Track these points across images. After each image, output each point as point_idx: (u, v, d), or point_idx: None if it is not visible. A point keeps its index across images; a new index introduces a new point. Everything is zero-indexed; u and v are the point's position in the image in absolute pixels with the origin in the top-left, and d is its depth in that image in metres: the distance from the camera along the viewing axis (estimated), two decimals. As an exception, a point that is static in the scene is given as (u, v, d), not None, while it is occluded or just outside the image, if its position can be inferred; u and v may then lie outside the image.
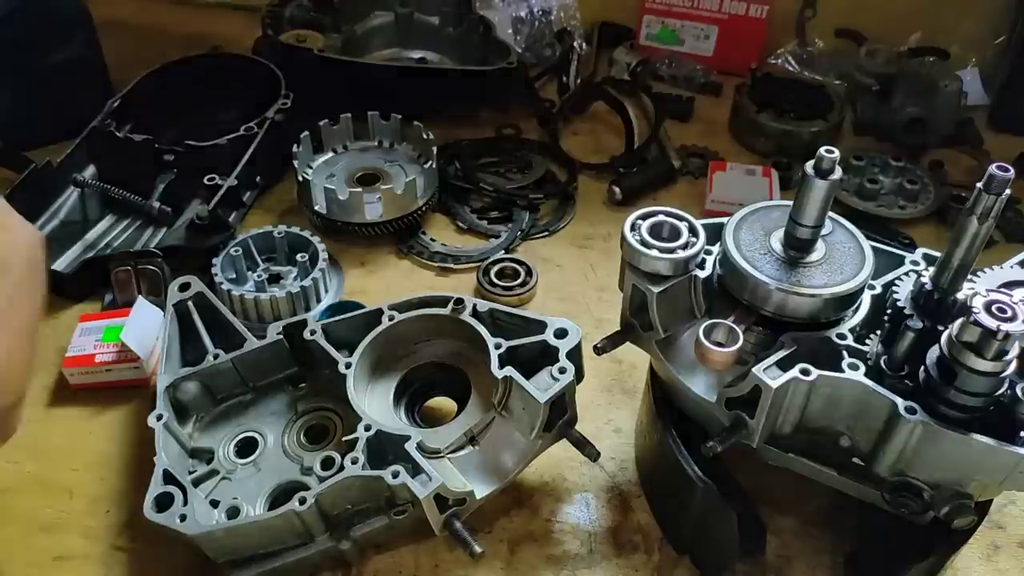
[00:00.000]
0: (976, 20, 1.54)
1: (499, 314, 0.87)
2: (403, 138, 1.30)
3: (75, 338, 1.00)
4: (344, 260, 1.18)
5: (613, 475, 0.92)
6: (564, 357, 0.80)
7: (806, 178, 0.67)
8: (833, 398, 0.67)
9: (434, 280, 1.17)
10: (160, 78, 1.32)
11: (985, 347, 0.59)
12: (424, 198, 1.20)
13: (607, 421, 0.97)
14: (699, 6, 1.58)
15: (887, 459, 0.66)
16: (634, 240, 0.73)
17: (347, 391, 0.82)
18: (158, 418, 0.82)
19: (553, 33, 1.58)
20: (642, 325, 0.77)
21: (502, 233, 1.22)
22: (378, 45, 1.56)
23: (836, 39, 1.58)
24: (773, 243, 0.73)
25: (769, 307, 0.71)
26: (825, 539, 0.85)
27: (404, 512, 0.77)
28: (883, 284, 0.74)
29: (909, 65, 1.44)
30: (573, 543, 0.85)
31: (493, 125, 1.44)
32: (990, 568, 0.84)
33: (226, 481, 0.83)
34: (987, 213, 0.62)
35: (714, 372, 0.73)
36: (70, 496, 0.89)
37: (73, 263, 1.10)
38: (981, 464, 0.64)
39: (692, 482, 0.74)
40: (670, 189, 1.34)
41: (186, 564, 0.82)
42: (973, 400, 0.62)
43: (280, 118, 1.24)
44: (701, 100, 1.54)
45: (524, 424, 0.80)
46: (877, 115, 1.42)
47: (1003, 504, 0.89)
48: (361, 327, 0.88)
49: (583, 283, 1.17)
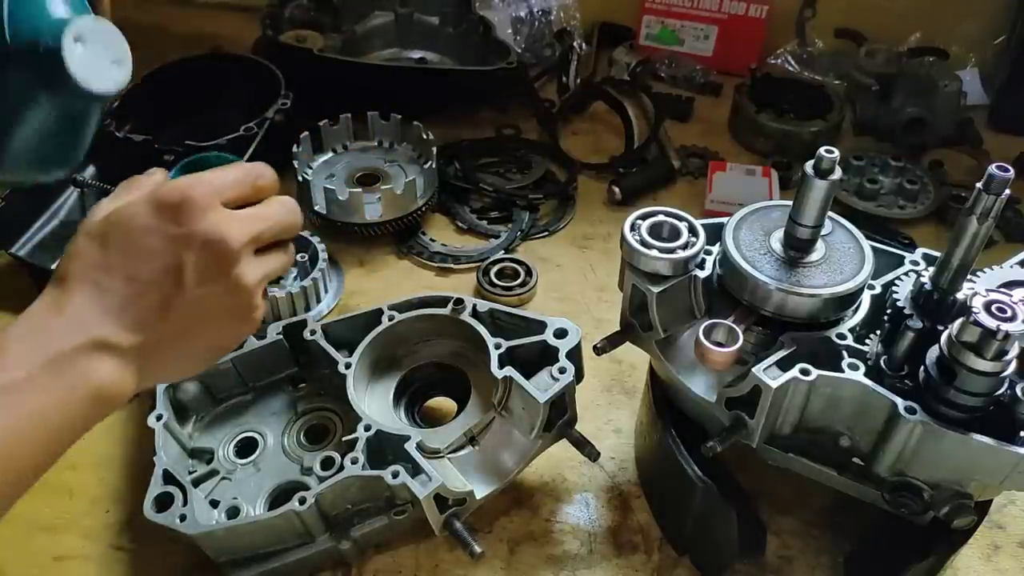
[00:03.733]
0: (976, 20, 1.54)
1: (499, 314, 0.87)
2: (403, 138, 1.30)
3: (75, 338, 1.00)
4: (344, 260, 1.18)
5: (613, 475, 0.92)
6: (564, 357, 0.80)
7: (806, 178, 0.67)
8: (833, 398, 0.67)
9: (434, 280, 1.17)
10: (160, 78, 1.32)
11: (985, 347, 0.59)
12: (424, 198, 1.20)
13: (607, 421, 0.97)
14: (699, 6, 1.58)
15: (887, 459, 0.66)
16: (634, 240, 0.73)
17: (347, 391, 0.82)
18: (158, 418, 0.82)
19: (553, 33, 1.58)
20: (642, 325, 0.77)
21: (502, 233, 1.22)
22: (378, 45, 1.56)
23: (836, 39, 1.58)
24: (773, 243, 0.73)
25: (769, 307, 0.71)
26: (825, 539, 0.85)
27: (404, 512, 0.77)
28: (883, 284, 0.74)
29: (909, 65, 1.44)
30: (573, 543, 0.85)
31: (493, 125, 1.43)
32: (990, 568, 0.84)
33: (226, 481, 0.83)
34: (987, 213, 0.62)
35: (714, 372, 0.73)
36: (70, 496, 0.89)
37: (73, 263, 1.10)
38: (981, 464, 0.64)
39: (692, 482, 0.74)
40: (670, 189, 1.34)
41: (186, 564, 0.82)
42: (973, 400, 0.62)
43: (280, 118, 1.24)
44: (701, 100, 1.54)
45: (524, 424, 0.80)
46: (877, 115, 1.42)
47: (1003, 504, 0.89)
48: (361, 327, 0.88)
49: (583, 283, 1.17)
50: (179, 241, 0.56)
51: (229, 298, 0.59)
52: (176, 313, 0.57)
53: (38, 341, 0.53)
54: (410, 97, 1.35)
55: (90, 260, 0.56)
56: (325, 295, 1.10)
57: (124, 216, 0.57)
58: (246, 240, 0.59)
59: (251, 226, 0.59)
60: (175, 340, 0.58)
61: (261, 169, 0.63)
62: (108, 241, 0.56)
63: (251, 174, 0.62)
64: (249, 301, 0.60)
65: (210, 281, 0.57)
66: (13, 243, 1.08)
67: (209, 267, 0.57)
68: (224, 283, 0.58)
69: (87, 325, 0.54)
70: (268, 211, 0.62)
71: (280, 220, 0.63)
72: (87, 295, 0.55)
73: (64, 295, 0.55)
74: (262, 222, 0.61)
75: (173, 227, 0.56)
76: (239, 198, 0.60)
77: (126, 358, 0.56)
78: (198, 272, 0.56)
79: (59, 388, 0.53)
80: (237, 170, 0.61)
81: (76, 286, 0.55)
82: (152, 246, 0.56)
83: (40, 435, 0.53)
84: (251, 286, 0.60)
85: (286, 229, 0.64)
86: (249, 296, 0.60)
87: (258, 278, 0.61)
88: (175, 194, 0.56)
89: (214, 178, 0.59)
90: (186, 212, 0.56)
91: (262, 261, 0.62)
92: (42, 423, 0.53)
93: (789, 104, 1.42)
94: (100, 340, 0.54)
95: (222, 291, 0.58)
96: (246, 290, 0.59)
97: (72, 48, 0.61)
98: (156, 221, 0.56)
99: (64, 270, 0.56)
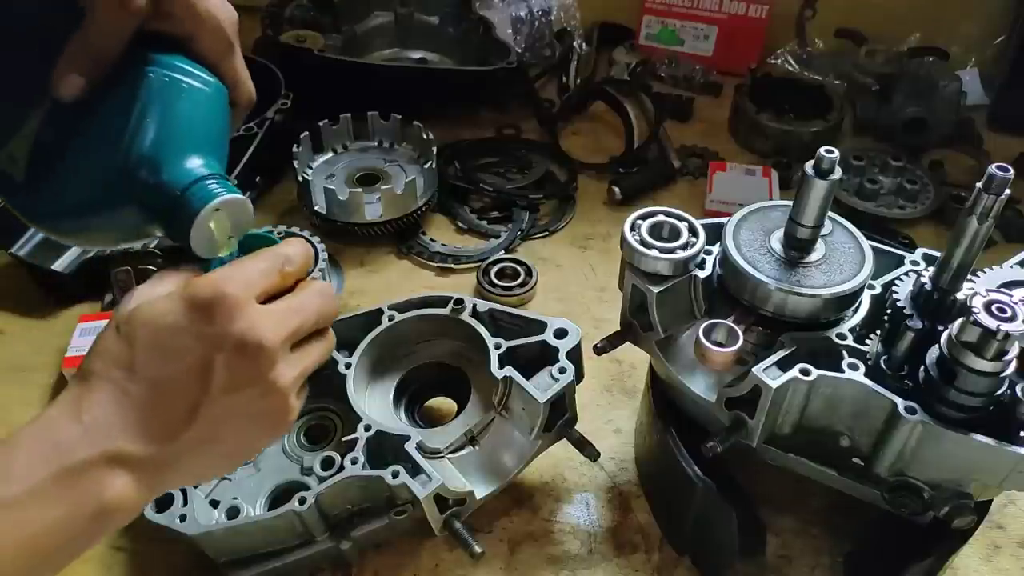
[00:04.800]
0: (976, 20, 1.54)
1: (499, 314, 0.87)
2: (403, 138, 1.30)
3: (75, 338, 1.00)
4: (344, 260, 1.18)
5: (613, 475, 0.92)
6: (564, 357, 0.80)
7: (806, 178, 0.67)
8: (833, 398, 0.67)
9: (434, 280, 1.17)
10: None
11: (985, 347, 0.59)
12: (424, 198, 1.20)
13: (607, 421, 0.97)
14: (699, 6, 1.58)
15: (887, 459, 0.66)
16: (634, 240, 0.73)
17: (347, 391, 0.82)
18: (158, 418, 0.82)
19: (553, 33, 1.58)
20: (642, 325, 0.77)
21: (502, 233, 1.22)
22: (378, 45, 1.56)
23: (836, 39, 1.58)
24: (773, 243, 0.73)
25: (769, 307, 0.71)
26: (825, 539, 0.85)
27: (404, 512, 0.77)
28: (883, 284, 0.74)
29: (909, 65, 1.44)
30: (573, 543, 0.85)
31: (493, 125, 1.44)
32: (990, 568, 0.84)
33: (226, 481, 0.82)
34: (987, 213, 0.62)
35: (714, 372, 0.73)
36: (70, 496, 0.89)
37: (73, 263, 1.10)
38: (981, 464, 0.64)
39: (692, 482, 0.74)
40: (670, 189, 1.34)
41: (186, 564, 0.82)
42: (973, 400, 0.62)
43: (280, 118, 1.24)
44: (701, 100, 1.54)
45: (524, 424, 0.80)
46: (877, 115, 1.42)
47: (1003, 504, 0.89)
48: (361, 327, 0.88)
49: (583, 283, 1.17)
50: (211, 342, 0.52)
51: (262, 402, 0.55)
52: (202, 420, 0.53)
53: (51, 449, 0.50)
54: (410, 97, 1.35)
55: (115, 359, 0.52)
56: (325, 295, 1.10)
57: (154, 312, 0.53)
58: (283, 339, 0.54)
59: (288, 322, 0.55)
60: (198, 447, 0.54)
61: (291, 252, 0.58)
62: (135, 339, 0.52)
63: (279, 260, 0.57)
64: (284, 404, 0.56)
65: (243, 385, 0.53)
66: (13, 243, 1.08)
67: (242, 370, 0.53)
68: (258, 387, 0.54)
69: (104, 435, 0.51)
70: (305, 302, 0.57)
71: (317, 310, 0.58)
72: (107, 399, 0.51)
73: (85, 397, 0.52)
74: (298, 316, 0.56)
75: (205, 327, 0.52)
76: (272, 289, 0.56)
77: (142, 471, 0.52)
78: (230, 376, 0.52)
79: (65, 504, 0.49)
80: (267, 259, 0.57)
81: (97, 387, 0.52)
82: (181, 346, 0.52)
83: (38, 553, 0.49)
84: (287, 388, 0.56)
85: (324, 318, 0.59)
86: (284, 399, 0.56)
87: (295, 377, 0.56)
88: (207, 291, 0.52)
89: (247, 271, 0.55)
90: (219, 310, 0.52)
91: (299, 357, 0.57)
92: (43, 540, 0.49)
93: (789, 104, 1.43)
94: (116, 453, 0.51)
95: (255, 395, 0.54)
96: (281, 393, 0.55)
97: (205, 220, 0.56)
98: (187, 320, 0.52)
99: (88, 367, 0.53)
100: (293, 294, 0.58)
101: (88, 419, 0.51)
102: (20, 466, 0.49)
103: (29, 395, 0.99)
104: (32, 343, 1.05)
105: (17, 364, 1.03)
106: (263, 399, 0.55)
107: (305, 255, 0.59)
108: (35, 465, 0.49)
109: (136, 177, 0.56)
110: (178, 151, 0.57)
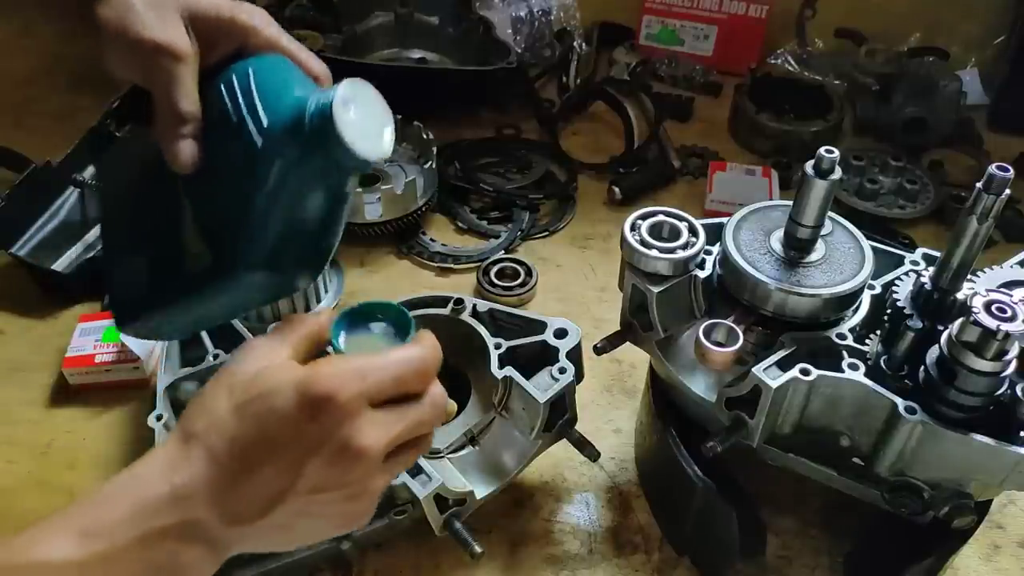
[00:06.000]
0: (976, 20, 1.54)
1: (499, 314, 0.87)
2: (403, 138, 1.29)
3: (75, 338, 1.00)
4: (344, 260, 1.18)
5: (613, 475, 0.92)
6: (564, 357, 0.80)
7: (806, 178, 0.67)
8: (833, 398, 0.67)
9: (434, 280, 1.17)
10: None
11: (985, 347, 0.59)
12: (424, 198, 1.19)
13: (607, 421, 0.97)
14: (699, 6, 1.58)
15: (887, 459, 0.66)
16: (634, 240, 0.73)
17: (347, 391, 0.82)
18: (158, 418, 0.82)
19: (553, 33, 1.58)
20: (642, 325, 0.77)
21: (502, 233, 1.22)
22: (378, 45, 1.56)
23: (836, 39, 1.58)
24: (773, 243, 0.73)
25: (769, 307, 0.71)
26: (825, 539, 0.85)
27: (404, 512, 0.77)
28: (883, 284, 0.74)
29: (909, 65, 1.44)
30: (573, 543, 0.85)
31: (493, 125, 1.43)
32: (990, 568, 0.84)
33: (226, 481, 0.82)
34: (987, 213, 0.62)
35: (714, 372, 0.73)
36: (70, 496, 0.89)
37: (73, 263, 1.10)
38: (981, 464, 0.64)
39: (692, 482, 0.74)
40: (670, 189, 1.34)
41: (186, 564, 0.81)
42: (973, 400, 0.62)
43: (280, 118, 1.24)
44: (701, 100, 1.54)
45: (524, 424, 0.80)
46: (877, 115, 1.42)
47: (1003, 504, 0.89)
48: (361, 327, 0.88)
49: (583, 283, 1.17)
50: (311, 439, 0.50)
51: (346, 504, 0.54)
52: (280, 512, 0.52)
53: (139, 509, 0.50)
54: (410, 97, 1.34)
55: (219, 426, 0.52)
56: (325, 295, 1.10)
57: (267, 388, 0.51)
58: (383, 448, 0.52)
59: (393, 430, 0.53)
60: (271, 532, 0.54)
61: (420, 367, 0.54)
62: (245, 414, 0.51)
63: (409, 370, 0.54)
64: (367, 508, 0.56)
65: (333, 488, 0.52)
66: (13, 243, 1.08)
67: (337, 474, 0.52)
68: (348, 490, 0.53)
69: (189, 503, 0.51)
70: (417, 415, 0.54)
71: (427, 422, 0.56)
72: (200, 467, 0.51)
73: (182, 457, 0.51)
74: (405, 425, 0.54)
75: (311, 424, 0.50)
76: (391, 397, 0.54)
77: (215, 546, 0.52)
78: (321, 477, 0.51)
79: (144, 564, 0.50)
80: (396, 366, 0.53)
81: (195, 453, 0.51)
82: (282, 436, 0.51)
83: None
84: (376, 493, 0.55)
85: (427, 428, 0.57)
86: (370, 503, 0.55)
87: (384, 485, 0.56)
88: (321, 389, 0.50)
89: (370, 377, 0.52)
90: (327, 412, 0.50)
91: (391, 466, 0.56)
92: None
93: (789, 104, 1.43)
94: (195, 523, 0.51)
95: (341, 497, 0.53)
96: (368, 498, 0.55)
97: (343, 112, 0.54)
98: (295, 410, 0.50)
99: (192, 423, 0.52)
100: (409, 404, 0.55)
101: (178, 482, 0.51)
102: (107, 523, 0.50)
103: (29, 395, 0.99)
104: (32, 343, 1.05)
105: (17, 364, 1.03)
106: (348, 502, 0.54)
107: (435, 366, 0.56)
108: (122, 523, 0.50)
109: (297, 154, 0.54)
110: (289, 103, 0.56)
